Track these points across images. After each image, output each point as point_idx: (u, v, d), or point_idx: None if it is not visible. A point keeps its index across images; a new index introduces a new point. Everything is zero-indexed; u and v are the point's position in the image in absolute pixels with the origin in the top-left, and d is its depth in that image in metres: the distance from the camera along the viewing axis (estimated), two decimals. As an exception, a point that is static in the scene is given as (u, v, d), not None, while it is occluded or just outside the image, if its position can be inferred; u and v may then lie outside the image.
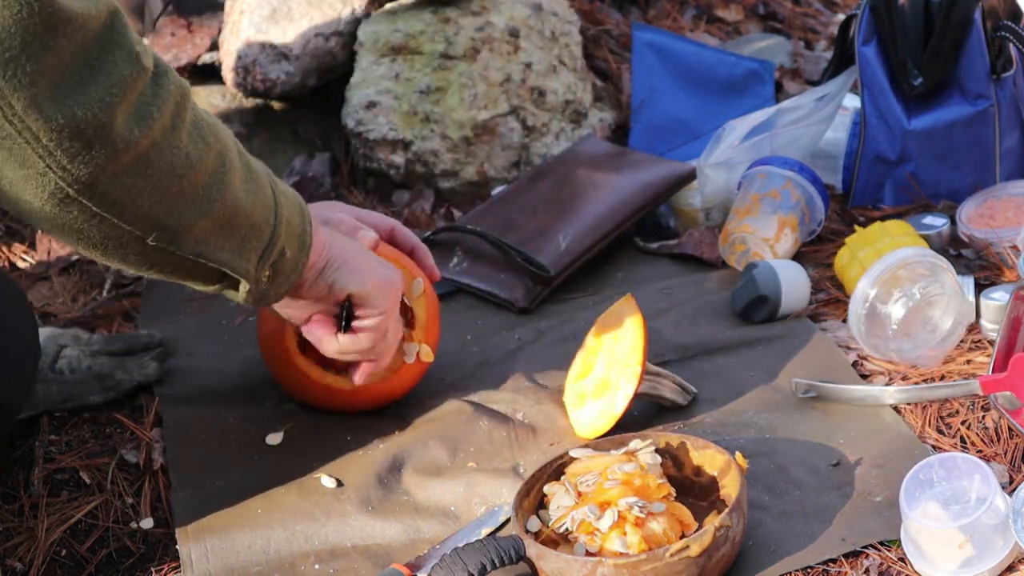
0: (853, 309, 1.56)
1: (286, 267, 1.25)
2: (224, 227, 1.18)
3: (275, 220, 1.22)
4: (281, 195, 1.24)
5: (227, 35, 2.18)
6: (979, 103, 1.86)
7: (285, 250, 1.24)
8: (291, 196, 1.27)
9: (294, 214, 1.25)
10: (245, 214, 1.19)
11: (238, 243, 1.19)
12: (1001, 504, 1.21)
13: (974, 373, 1.51)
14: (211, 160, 1.14)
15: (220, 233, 1.17)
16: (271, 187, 1.23)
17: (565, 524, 1.25)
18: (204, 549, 1.35)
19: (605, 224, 1.82)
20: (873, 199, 1.95)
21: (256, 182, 1.21)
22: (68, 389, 1.59)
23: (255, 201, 1.20)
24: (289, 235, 1.24)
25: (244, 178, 1.19)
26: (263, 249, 1.22)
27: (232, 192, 1.17)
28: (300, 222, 1.26)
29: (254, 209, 1.20)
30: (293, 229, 1.25)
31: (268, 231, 1.21)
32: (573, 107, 2.14)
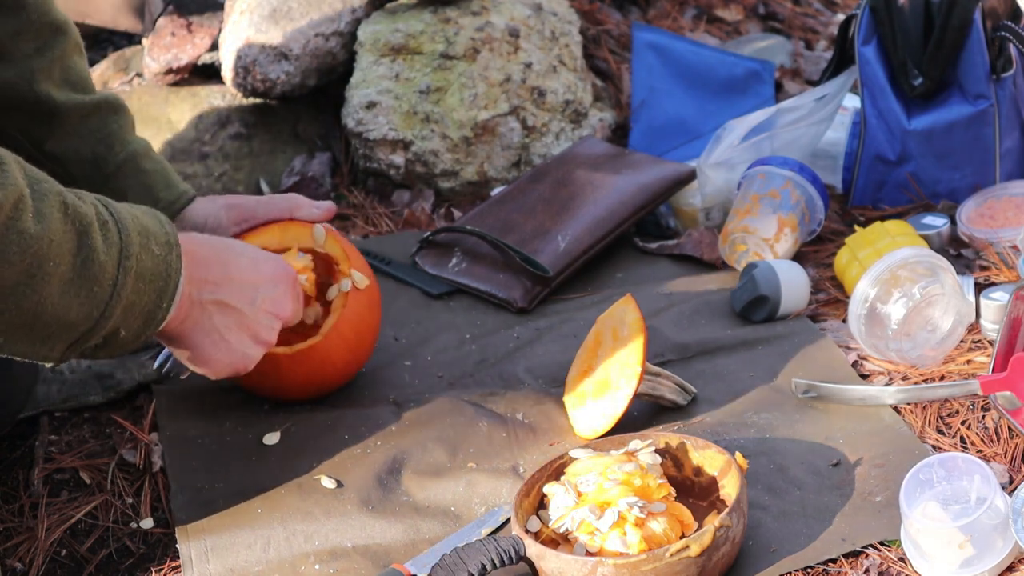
0: (853, 309, 1.56)
1: (119, 341, 1.23)
2: (19, 328, 1.15)
3: (101, 314, 1.19)
4: (131, 277, 1.20)
5: (227, 35, 2.18)
6: (979, 103, 1.86)
7: (120, 330, 1.22)
8: (151, 272, 1.23)
9: (146, 293, 1.22)
10: (53, 317, 1.16)
11: (38, 339, 1.17)
12: (1001, 504, 1.21)
13: (974, 373, 1.51)
14: (12, 275, 1.11)
15: (11, 333, 1.16)
16: (115, 275, 1.19)
17: (565, 524, 1.25)
18: (204, 549, 1.35)
19: (604, 225, 1.82)
20: (873, 199, 1.95)
21: (87, 280, 1.17)
22: (68, 389, 1.59)
23: (72, 304, 1.16)
24: (127, 318, 1.21)
25: (68, 280, 1.15)
26: (73, 340, 1.19)
27: (38, 299, 1.14)
28: (154, 300, 1.23)
29: (67, 311, 1.16)
30: (137, 311, 1.22)
31: (86, 326, 1.18)
32: (573, 107, 2.14)
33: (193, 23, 2.26)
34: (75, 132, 1.57)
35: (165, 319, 1.25)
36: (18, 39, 1.52)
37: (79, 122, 1.57)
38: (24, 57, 1.53)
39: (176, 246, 1.25)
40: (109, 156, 1.58)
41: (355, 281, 1.54)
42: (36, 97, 1.54)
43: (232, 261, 1.34)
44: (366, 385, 1.60)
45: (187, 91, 2.20)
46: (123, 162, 1.59)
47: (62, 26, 1.57)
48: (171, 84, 2.22)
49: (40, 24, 1.54)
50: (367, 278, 1.55)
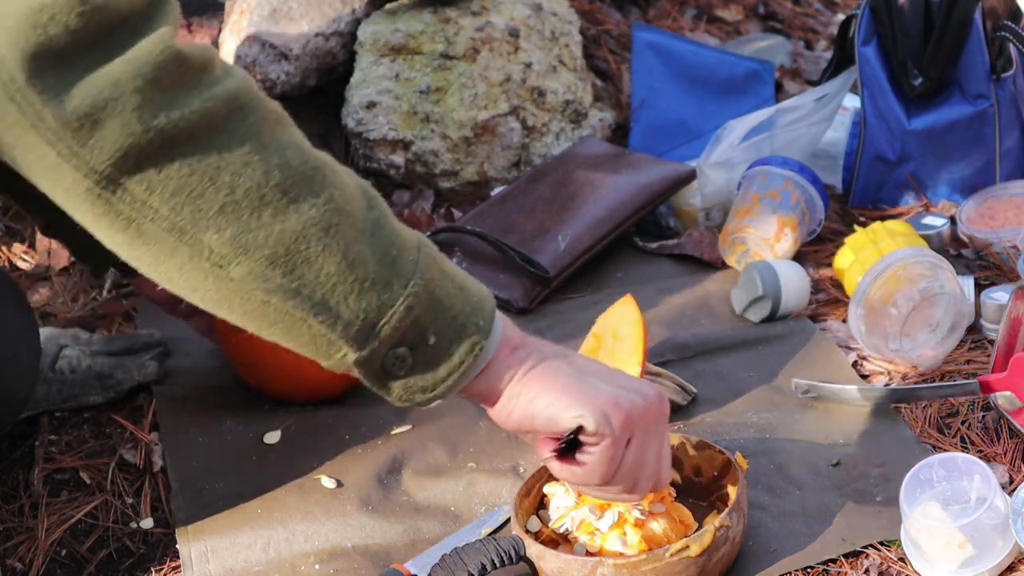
0: (853, 309, 1.56)
1: (432, 348, 1.03)
2: (342, 273, 0.99)
3: (399, 282, 1.01)
4: (435, 268, 1.03)
5: (227, 35, 2.18)
6: (979, 103, 1.86)
7: (428, 333, 1.02)
8: (470, 284, 1.06)
9: (451, 295, 1.04)
10: (350, 259, 0.99)
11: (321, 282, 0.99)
12: (1001, 504, 1.21)
13: (974, 373, 1.51)
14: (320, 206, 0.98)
15: (304, 235, 0.98)
16: (415, 257, 1.03)
17: (565, 524, 1.25)
18: (204, 548, 1.35)
19: (604, 225, 1.82)
20: (873, 199, 1.95)
21: (381, 241, 1.01)
22: (68, 389, 1.59)
23: (368, 255, 1.00)
24: (436, 313, 1.02)
25: (361, 231, 1.00)
26: (373, 308, 1.00)
27: (345, 241, 0.99)
28: (465, 310, 1.04)
29: (364, 261, 1.00)
30: (444, 308, 1.03)
31: (385, 293, 1.00)
32: (573, 107, 2.14)
33: (193, 23, 2.26)
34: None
35: (486, 340, 1.04)
36: None
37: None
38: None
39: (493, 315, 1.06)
40: None
41: None
42: None
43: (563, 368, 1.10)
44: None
45: (187, 91, 2.20)
46: None
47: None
48: (171, 84, 2.22)
49: None
50: None
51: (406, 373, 1.04)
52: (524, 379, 1.08)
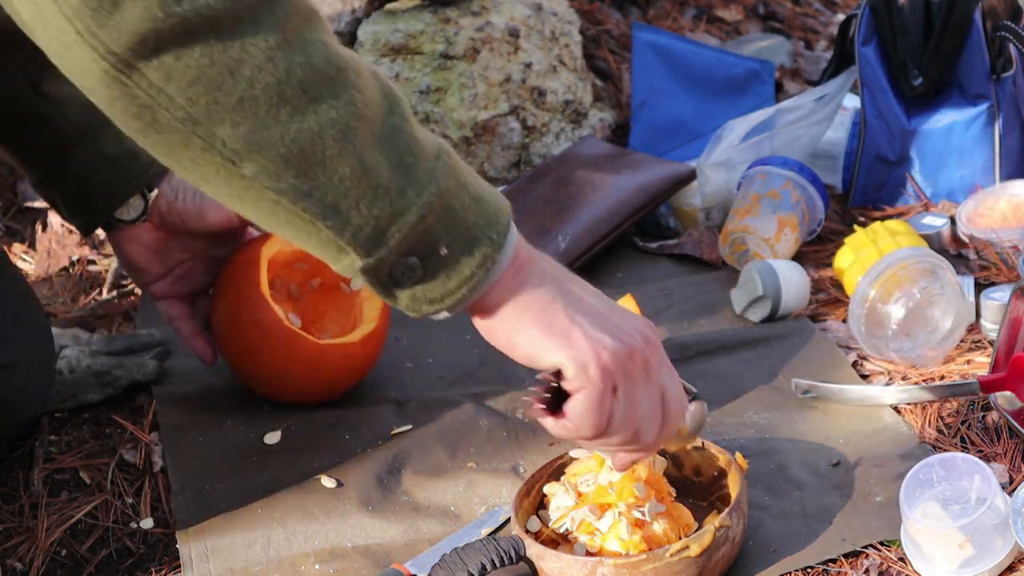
0: (853, 309, 1.56)
1: (444, 260, 1.02)
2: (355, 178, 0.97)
3: (412, 191, 0.99)
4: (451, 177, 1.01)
5: (227, 35, 2.18)
6: (979, 103, 1.86)
7: (440, 243, 1.00)
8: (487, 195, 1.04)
9: (467, 206, 1.02)
10: (362, 166, 0.97)
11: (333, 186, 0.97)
12: (1001, 504, 1.21)
13: (974, 373, 1.51)
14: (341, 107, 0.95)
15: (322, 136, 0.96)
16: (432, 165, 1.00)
17: (565, 524, 1.25)
18: (204, 548, 1.35)
19: (604, 225, 1.82)
20: (873, 199, 1.95)
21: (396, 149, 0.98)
22: (68, 389, 1.59)
23: (382, 163, 0.98)
24: (449, 224, 1.00)
25: (377, 137, 0.98)
26: (382, 217, 0.98)
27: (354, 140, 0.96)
28: (479, 222, 1.02)
29: (378, 167, 0.97)
30: (458, 219, 1.01)
31: (398, 202, 0.98)
32: (573, 107, 2.14)
33: (193, 23, 2.25)
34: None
35: (498, 255, 1.02)
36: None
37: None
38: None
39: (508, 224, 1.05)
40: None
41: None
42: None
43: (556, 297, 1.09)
44: (368, 385, 1.60)
45: (187, 91, 2.20)
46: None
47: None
48: (171, 84, 2.22)
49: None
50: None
51: (415, 283, 1.02)
52: (516, 303, 1.06)
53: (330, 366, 1.53)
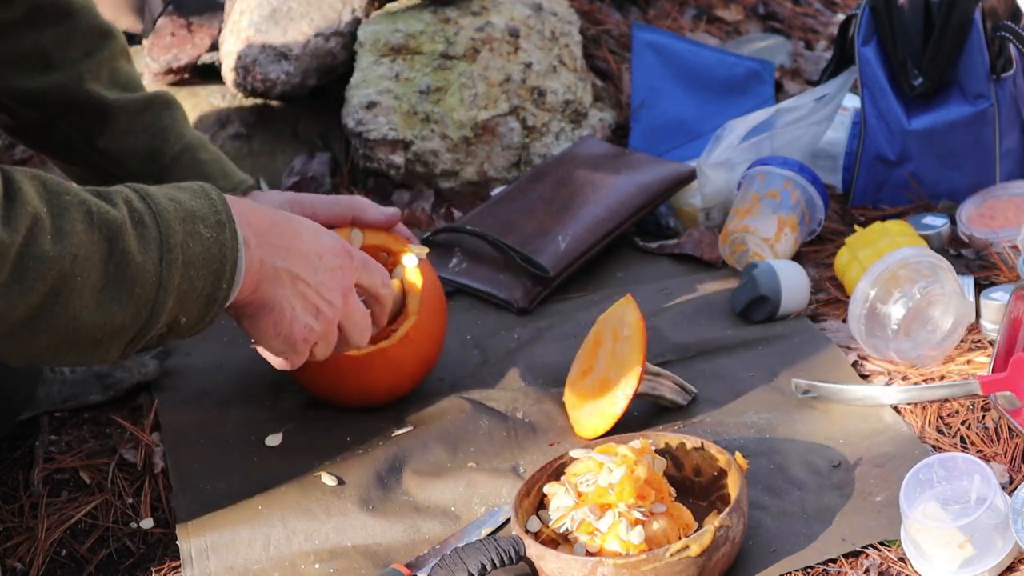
0: (853, 309, 1.56)
1: (184, 327, 1.21)
2: (61, 343, 1.13)
3: (150, 311, 1.16)
4: (176, 268, 1.17)
5: (227, 35, 2.18)
6: (979, 103, 1.86)
7: (180, 318, 1.19)
8: (202, 256, 1.19)
9: (199, 278, 1.18)
10: (94, 327, 1.14)
11: (88, 348, 1.15)
12: (1001, 504, 1.21)
13: (974, 373, 1.51)
14: (35, 299, 1.09)
15: (56, 348, 1.14)
16: (158, 271, 1.16)
17: (565, 524, 1.25)
18: (204, 544, 1.35)
19: (604, 225, 1.82)
20: (873, 199, 1.95)
21: (124, 283, 1.14)
22: (68, 389, 1.59)
23: (114, 310, 1.14)
24: (184, 305, 1.18)
25: (101, 288, 1.13)
26: (129, 340, 1.17)
27: (71, 314, 1.12)
28: (211, 283, 1.19)
29: (110, 318, 1.14)
30: (194, 296, 1.19)
31: (136, 326, 1.16)
32: (573, 107, 2.14)
33: (193, 23, 2.26)
34: (128, 129, 1.57)
35: (228, 298, 1.21)
36: (67, 46, 1.53)
37: (132, 118, 1.57)
38: (71, 62, 1.54)
39: (230, 223, 1.21)
40: (164, 149, 1.58)
41: (416, 253, 1.51)
42: (87, 96, 1.54)
43: (298, 230, 1.29)
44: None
45: (187, 91, 2.20)
46: (179, 154, 1.59)
47: (109, 31, 1.58)
48: (171, 84, 2.22)
49: (88, 29, 1.55)
50: (425, 248, 1.53)
51: (157, 342, 1.23)
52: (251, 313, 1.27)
53: (375, 373, 1.49)
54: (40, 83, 1.54)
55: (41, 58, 1.53)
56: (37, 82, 1.54)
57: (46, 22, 1.53)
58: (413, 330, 1.49)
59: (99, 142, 1.57)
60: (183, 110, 1.63)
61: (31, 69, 1.54)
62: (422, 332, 1.51)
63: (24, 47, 1.54)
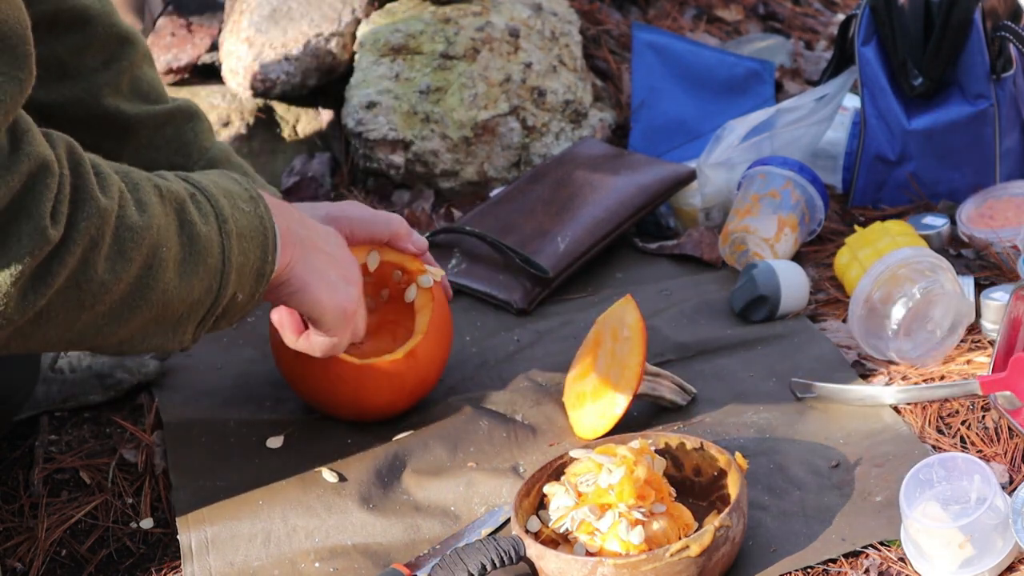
0: (853, 309, 1.56)
1: (238, 305, 1.23)
2: (151, 322, 1.15)
3: (220, 284, 1.18)
4: (234, 240, 1.19)
5: (227, 35, 2.18)
6: (979, 103, 1.86)
7: (237, 295, 1.21)
8: (249, 229, 1.21)
9: (251, 251, 1.21)
10: (179, 301, 1.16)
11: (170, 327, 1.17)
12: (1001, 504, 1.21)
13: (974, 373, 1.51)
14: (134, 271, 1.10)
15: (145, 329, 1.15)
16: (220, 242, 1.18)
17: (565, 524, 1.25)
18: (204, 539, 1.35)
19: (604, 226, 1.82)
20: (873, 199, 1.95)
21: (198, 255, 1.16)
22: (68, 388, 1.59)
23: (193, 282, 1.16)
24: (241, 280, 1.21)
25: (181, 260, 1.15)
26: (201, 318, 1.19)
27: (162, 287, 1.13)
28: (259, 256, 1.22)
29: (191, 291, 1.16)
30: (248, 270, 1.21)
31: (209, 300, 1.18)
32: (573, 107, 2.14)
33: (193, 23, 2.26)
34: (150, 143, 1.56)
35: (274, 271, 1.24)
36: (84, 54, 1.51)
37: (153, 133, 1.55)
38: (90, 72, 1.51)
39: (260, 198, 1.24)
40: (188, 164, 1.57)
41: (432, 274, 1.50)
42: (105, 112, 1.52)
43: (302, 213, 1.33)
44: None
45: (187, 91, 2.20)
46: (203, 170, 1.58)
47: (129, 36, 1.55)
48: (171, 84, 2.22)
49: (106, 37, 1.52)
50: (441, 271, 1.53)
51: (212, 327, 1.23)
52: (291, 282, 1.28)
53: (374, 385, 1.48)
54: (57, 94, 1.50)
55: (58, 67, 1.50)
56: (54, 93, 1.50)
57: (62, 29, 1.49)
58: (419, 347, 1.49)
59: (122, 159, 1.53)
60: (207, 121, 1.61)
61: (47, 79, 1.50)
62: (426, 351, 1.50)
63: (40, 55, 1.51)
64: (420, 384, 1.51)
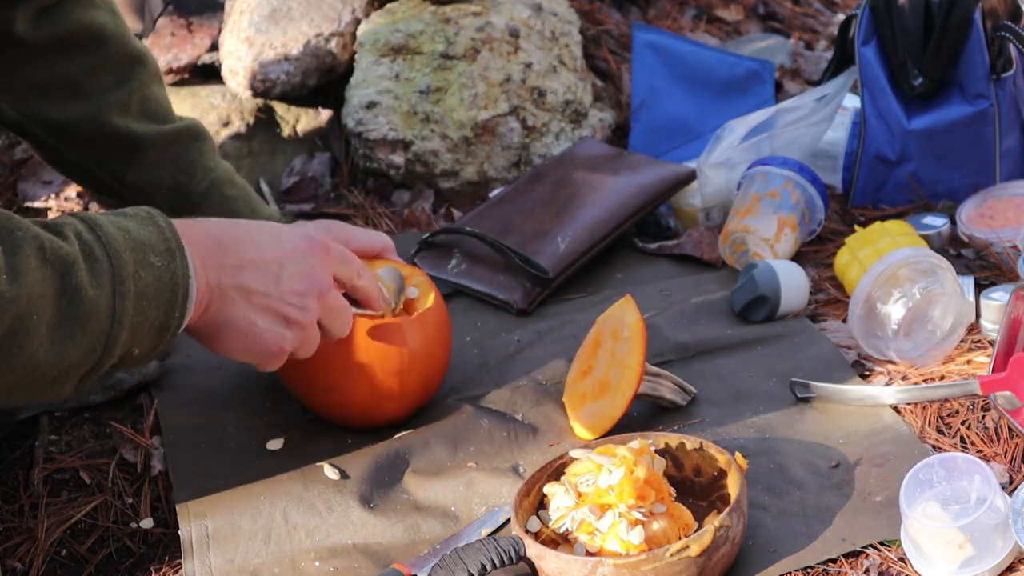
0: (853, 309, 1.56)
1: (136, 357, 1.21)
2: (15, 383, 1.13)
3: (105, 345, 1.15)
4: (129, 301, 1.16)
5: (227, 35, 2.18)
6: (979, 103, 1.86)
7: (133, 350, 1.19)
8: (153, 287, 1.18)
9: (151, 308, 1.18)
10: (50, 364, 1.13)
11: (42, 386, 1.15)
12: (1001, 504, 1.21)
13: (974, 373, 1.51)
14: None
15: (10, 388, 1.13)
16: (112, 304, 1.15)
17: (565, 524, 1.25)
18: (205, 535, 1.35)
19: (603, 226, 1.82)
20: (873, 199, 1.95)
21: (78, 319, 1.13)
22: (68, 389, 1.59)
23: (67, 347, 1.13)
24: (137, 337, 1.18)
25: (55, 326, 1.12)
26: (83, 375, 1.17)
27: (28, 353, 1.11)
28: (164, 312, 1.19)
29: (66, 355, 1.13)
30: (147, 327, 1.18)
31: (91, 361, 1.15)
32: (573, 107, 2.14)
33: (193, 23, 2.26)
34: (156, 162, 1.57)
35: (182, 325, 1.21)
36: (96, 74, 1.51)
37: (159, 152, 1.56)
38: (102, 91, 1.52)
39: (179, 248, 1.20)
40: (191, 184, 1.58)
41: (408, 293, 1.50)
42: (115, 131, 1.53)
43: (250, 242, 1.28)
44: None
45: (187, 91, 2.20)
46: (206, 190, 1.60)
47: (140, 56, 1.56)
48: (171, 84, 2.22)
49: (119, 57, 1.53)
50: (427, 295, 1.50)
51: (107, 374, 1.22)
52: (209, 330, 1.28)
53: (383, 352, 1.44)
54: (69, 113, 1.51)
55: (71, 86, 1.51)
56: (67, 112, 1.51)
57: (76, 49, 1.51)
58: (428, 312, 1.47)
59: (127, 176, 1.56)
60: (212, 141, 1.63)
61: (59, 97, 1.52)
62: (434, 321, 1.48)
63: (54, 74, 1.52)
64: (423, 380, 1.51)
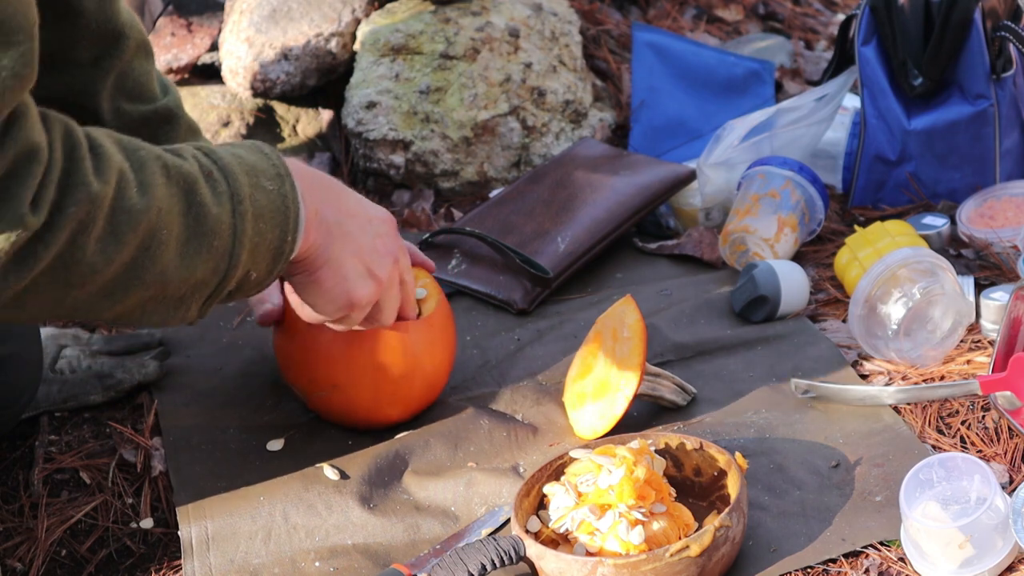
0: (853, 309, 1.56)
1: (252, 282, 1.22)
2: (149, 300, 1.14)
3: (228, 264, 1.17)
4: (248, 221, 1.17)
5: (227, 35, 2.18)
6: (979, 103, 1.86)
7: (251, 273, 1.20)
8: (268, 209, 1.19)
9: (268, 231, 1.19)
10: (180, 281, 1.15)
11: (171, 304, 1.16)
12: (1001, 504, 1.21)
13: (974, 373, 1.51)
14: (128, 253, 1.10)
15: (144, 306, 1.15)
16: (232, 223, 1.16)
17: (565, 524, 1.25)
18: (205, 535, 1.35)
19: (604, 226, 1.82)
20: (873, 199, 1.95)
21: (204, 236, 1.15)
22: (68, 389, 1.59)
23: (196, 263, 1.15)
24: (255, 259, 1.19)
25: (184, 242, 1.13)
26: (207, 296, 1.18)
27: (159, 268, 1.12)
28: (278, 235, 1.20)
29: (193, 272, 1.15)
30: (263, 249, 1.19)
31: (216, 280, 1.17)
32: (573, 107, 2.14)
33: (193, 23, 2.26)
34: None
35: (294, 251, 1.22)
36: (74, 48, 1.48)
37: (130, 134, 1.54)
38: (76, 67, 1.49)
39: (288, 176, 1.21)
40: None
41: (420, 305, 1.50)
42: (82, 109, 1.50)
43: (344, 192, 1.30)
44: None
45: (187, 91, 2.20)
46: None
47: (123, 31, 1.52)
48: (171, 84, 2.22)
49: (98, 32, 1.49)
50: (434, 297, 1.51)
51: (225, 300, 1.22)
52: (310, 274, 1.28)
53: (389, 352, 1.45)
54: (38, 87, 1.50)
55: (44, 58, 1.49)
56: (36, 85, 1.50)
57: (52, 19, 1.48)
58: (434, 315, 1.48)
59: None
60: (187, 124, 1.59)
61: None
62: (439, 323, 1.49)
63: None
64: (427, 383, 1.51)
